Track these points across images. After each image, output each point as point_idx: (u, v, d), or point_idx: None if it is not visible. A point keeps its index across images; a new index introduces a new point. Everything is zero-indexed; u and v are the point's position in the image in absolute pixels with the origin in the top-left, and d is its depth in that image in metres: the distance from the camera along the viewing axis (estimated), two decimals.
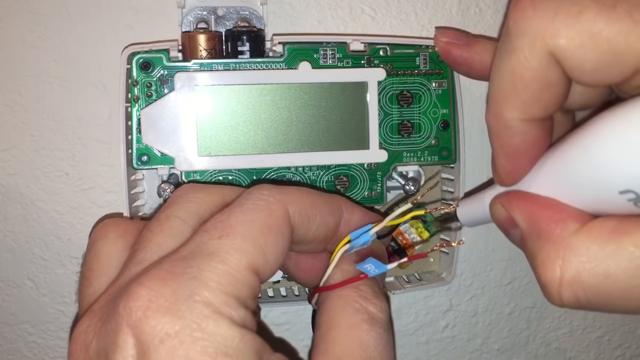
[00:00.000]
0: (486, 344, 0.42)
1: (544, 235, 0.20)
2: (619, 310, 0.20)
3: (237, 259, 0.20)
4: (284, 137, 0.32)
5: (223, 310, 0.18)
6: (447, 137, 0.34)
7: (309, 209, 0.23)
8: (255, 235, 0.21)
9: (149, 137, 0.31)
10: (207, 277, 0.19)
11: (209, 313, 0.18)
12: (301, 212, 0.23)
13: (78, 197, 0.35)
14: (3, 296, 0.36)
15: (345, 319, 0.21)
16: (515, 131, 0.21)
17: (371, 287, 0.23)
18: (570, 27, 0.18)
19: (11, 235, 0.35)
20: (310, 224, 0.24)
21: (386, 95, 0.33)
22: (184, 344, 0.18)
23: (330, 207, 0.25)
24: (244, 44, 0.31)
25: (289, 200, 0.23)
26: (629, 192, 0.17)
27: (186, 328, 0.18)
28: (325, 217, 0.24)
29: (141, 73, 0.31)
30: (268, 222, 0.21)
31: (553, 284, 0.20)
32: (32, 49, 0.34)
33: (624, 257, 0.18)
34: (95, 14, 0.34)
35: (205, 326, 0.18)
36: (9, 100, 0.34)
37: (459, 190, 0.34)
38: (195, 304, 0.18)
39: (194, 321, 0.18)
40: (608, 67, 0.18)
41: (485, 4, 0.38)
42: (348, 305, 0.22)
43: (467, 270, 0.41)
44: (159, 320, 0.18)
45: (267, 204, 0.22)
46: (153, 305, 0.18)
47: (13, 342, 0.37)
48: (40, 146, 0.35)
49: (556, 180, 0.21)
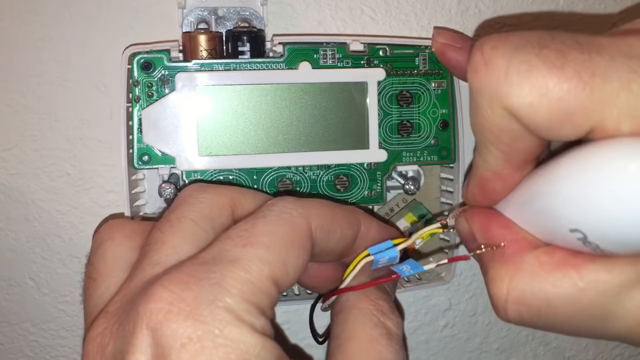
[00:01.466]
0: (485, 343, 0.42)
1: (498, 252, 0.21)
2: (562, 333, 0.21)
3: (260, 268, 0.20)
4: (284, 137, 0.32)
5: (245, 317, 0.19)
6: (446, 137, 0.34)
7: (330, 224, 0.24)
8: (278, 247, 0.21)
9: (149, 137, 0.31)
10: (230, 284, 0.19)
11: (232, 319, 0.18)
12: (323, 227, 0.23)
13: (79, 197, 0.36)
14: (4, 295, 0.36)
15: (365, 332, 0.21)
16: (495, 176, 0.22)
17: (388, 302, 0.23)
18: (520, 86, 0.18)
19: (12, 235, 0.36)
20: (331, 238, 0.24)
21: (386, 95, 0.33)
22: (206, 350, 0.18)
23: (349, 221, 0.25)
24: (244, 44, 0.31)
25: (311, 215, 0.23)
26: (578, 231, 0.18)
27: (209, 334, 0.18)
28: (344, 230, 0.25)
29: (142, 73, 0.31)
30: (291, 235, 0.22)
31: (500, 300, 0.21)
32: (34, 50, 0.34)
33: (567, 287, 0.19)
34: (97, 14, 0.34)
35: (228, 333, 0.18)
36: (10, 100, 0.34)
37: (458, 190, 0.35)
38: (218, 309, 0.18)
39: (217, 327, 0.18)
40: (561, 126, 0.18)
41: (484, 4, 0.38)
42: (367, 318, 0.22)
43: (466, 270, 0.41)
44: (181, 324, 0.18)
45: (290, 217, 0.22)
46: (175, 309, 0.18)
47: (14, 342, 0.37)
48: (41, 146, 0.35)
49: (518, 206, 0.22)
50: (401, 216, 0.35)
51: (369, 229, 0.26)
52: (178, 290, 0.19)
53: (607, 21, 0.40)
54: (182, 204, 0.24)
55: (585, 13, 0.39)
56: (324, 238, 0.23)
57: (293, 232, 0.22)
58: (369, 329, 0.22)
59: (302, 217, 0.23)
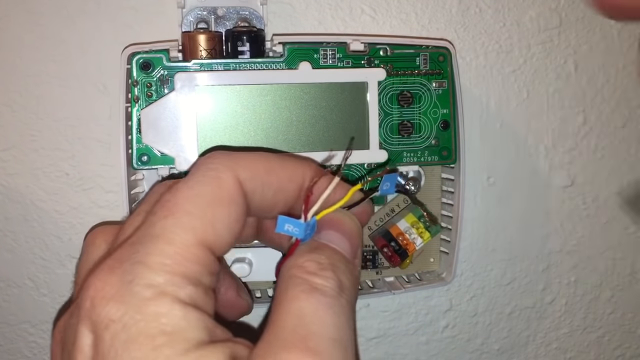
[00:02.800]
0: (486, 344, 0.42)
1: None
2: None
3: (183, 238, 0.20)
4: (284, 137, 0.32)
5: (167, 290, 0.18)
6: (447, 137, 0.34)
7: (264, 176, 0.23)
8: (202, 209, 0.20)
9: (149, 137, 0.31)
10: (151, 260, 0.19)
11: (151, 295, 0.18)
12: (254, 178, 0.22)
13: (78, 197, 0.35)
14: (3, 296, 0.36)
15: (287, 294, 0.20)
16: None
17: (317, 262, 0.21)
18: None
19: (11, 235, 0.35)
20: (266, 191, 0.23)
21: (386, 96, 0.33)
22: (126, 328, 0.18)
23: (289, 173, 0.24)
24: (244, 44, 0.31)
25: (239, 167, 0.22)
26: None
27: (127, 312, 0.18)
28: (283, 183, 0.23)
29: (141, 73, 0.31)
30: (217, 193, 0.21)
31: None
32: (32, 49, 0.34)
33: None
34: (95, 14, 0.34)
35: (146, 308, 0.18)
36: (9, 100, 0.34)
37: (458, 190, 0.34)
38: (137, 287, 0.18)
39: (136, 304, 0.18)
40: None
41: (485, 4, 0.38)
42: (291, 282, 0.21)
43: (467, 270, 0.41)
44: (104, 308, 0.18)
45: (215, 174, 0.22)
46: (100, 294, 0.19)
47: (13, 342, 0.37)
48: (40, 146, 0.35)
49: None
50: (402, 217, 0.35)
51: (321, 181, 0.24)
52: (105, 276, 0.19)
53: (608, 20, 0.39)
54: (143, 201, 0.24)
55: (585, 13, 0.39)
56: (257, 190, 0.23)
57: (219, 189, 0.21)
58: (290, 290, 0.20)
59: (228, 170, 0.22)
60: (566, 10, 0.39)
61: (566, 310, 0.43)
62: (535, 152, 0.40)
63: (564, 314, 0.43)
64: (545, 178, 0.40)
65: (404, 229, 0.35)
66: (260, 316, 0.37)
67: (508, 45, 0.38)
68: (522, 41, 0.38)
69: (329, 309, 0.20)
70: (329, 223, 0.24)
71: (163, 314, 0.18)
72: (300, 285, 0.20)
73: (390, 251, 0.35)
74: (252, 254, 0.33)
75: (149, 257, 0.19)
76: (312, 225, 0.23)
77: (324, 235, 0.23)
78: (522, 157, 0.40)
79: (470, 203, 0.39)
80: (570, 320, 0.43)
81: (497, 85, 0.39)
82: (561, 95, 0.40)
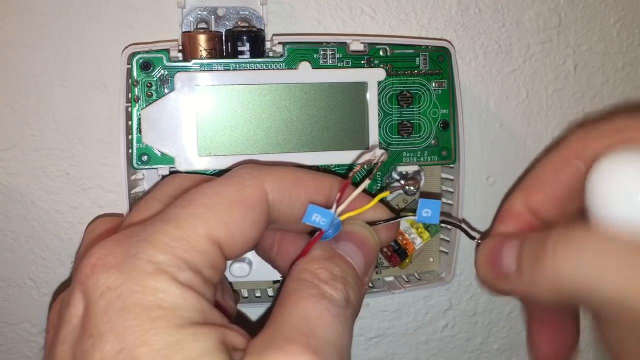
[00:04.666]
0: (486, 343, 0.42)
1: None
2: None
3: (194, 226, 0.20)
4: (284, 137, 0.32)
5: (168, 269, 0.19)
6: (447, 137, 0.34)
7: (291, 187, 0.23)
8: (219, 207, 0.21)
9: (149, 137, 0.31)
10: (158, 239, 0.19)
11: (152, 270, 0.19)
12: (281, 189, 0.23)
13: (78, 197, 0.35)
14: (4, 296, 0.36)
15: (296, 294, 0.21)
16: None
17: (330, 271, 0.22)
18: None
19: (12, 235, 0.35)
20: (294, 202, 0.23)
21: (386, 96, 0.33)
22: (122, 297, 0.18)
23: (317, 185, 0.24)
24: (244, 44, 0.31)
25: (267, 178, 0.23)
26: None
27: (127, 283, 0.18)
28: (311, 195, 0.24)
29: (142, 73, 0.31)
30: (237, 196, 0.21)
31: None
32: (33, 49, 0.34)
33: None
34: (96, 14, 0.34)
35: (145, 282, 0.18)
36: (9, 101, 0.34)
37: (458, 190, 0.34)
38: (139, 261, 0.19)
39: (136, 276, 0.18)
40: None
41: (484, 4, 0.38)
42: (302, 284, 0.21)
43: (467, 270, 0.41)
44: (103, 276, 0.19)
45: (240, 180, 0.22)
46: (101, 262, 0.19)
47: (14, 342, 0.37)
48: (40, 146, 0.35)
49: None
50: None
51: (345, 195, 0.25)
52: (111, 247, 0.20)
53: (607, 20, 0.40)
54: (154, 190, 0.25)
55: (584, 13, 0.39)
56: (284, 201, 0.23)
57: (240, 193, 0.22)
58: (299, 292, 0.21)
59: (255, 179, 0.22)
60: (566, 11, 0.39)
61: None
62: (535, 152, 0.40)
63: None
64: None
65: (404, 229, 0.35)
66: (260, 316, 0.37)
67: (507, 46, 0.38)
68: (522, 41, 0.39)
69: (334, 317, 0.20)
70: (351, 235, 0.24)
71: (161, 290, 0.18)
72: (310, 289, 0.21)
73: (390, 251, 0.35)
74: (252, 254, 0.33)
75: (155, 236, 0.19)
76: (336, 224, 0.23)
77: (343, 246, 0.23)
78: (522, 157, 0.40)
79: (470, 203, 0.39)
80: None
81: (497, 86, 0.39)
82: (561, 96, 0.40)
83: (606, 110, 0.41)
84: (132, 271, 0.19)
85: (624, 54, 0.40)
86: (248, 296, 0.35)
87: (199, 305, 0.19)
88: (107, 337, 0.18)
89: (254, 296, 0.35)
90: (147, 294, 0.18)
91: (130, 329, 0.18)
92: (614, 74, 0.40)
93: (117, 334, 0.18)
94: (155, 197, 0.24)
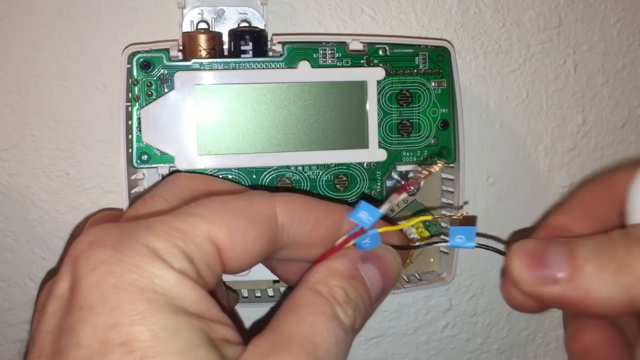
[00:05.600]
0: (486, 343, 0.42)
1: None
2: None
3: (195, 221, 0.20)
4: (284, 136, 0.32)
5: (164, 255, 0.19)
6: (446, 136, 0.34)
7: (301, 210, 0.23)
8: (225, 212, 0.21)
9: (149, 136, 0.31)
10: (157, 227, 0.19)
11: (148, 253, 0.18)
12: (291, 211, 0.23)
13: (78, 197, 0.35)
14: (4, 296, 0.36)
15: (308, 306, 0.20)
16: None
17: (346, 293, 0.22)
18: None
19: (12, 235, 0.35)
20: (303, 224, 0.23)
21: (385, 95, 0.33)
22: (116, 274, 0.18)
23: (327, 210, 0.24)
24: (247, 44, 0.31)
25: (277, 201, 0.23)
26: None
27: (121, 261, 0.18)
28: (321, 219, 0.24)
29: (141, 72, 0.31)
30: (245, 208, 0.22)
31: None
32: (33, 49, 0.34)
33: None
34: (96, 14, 0.34)
35: (141, 264, 0.18)
36: (9, 100, 0.34)
37: (458, 189, 0.34)
38: (137, 244, 0.19)
39: (131, 256, 0.18)
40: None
41: (484, 4, 0.38)
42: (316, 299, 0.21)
43: (467, 270, 0.41)
44: (96, 251, 0.18)
45: (251, 197, 0.22)
46: (98, 241, 0.19)
47: (13, 342, 0.37)
48: (40, 146, 0.35)
49: None
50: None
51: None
52: (110, 229, 0.20)
53: (607, 20, 0.40)
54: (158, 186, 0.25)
55: (584, 13, 0.39)
56: (294, 223, 0.23)
57: (248, 207, 0.22)
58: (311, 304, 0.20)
59: (265, 199, 0.22)
60: (565, 11, 0.39)
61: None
62: (535, 152, 0.40)
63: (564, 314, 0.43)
64: (544, 178, 0.40)
65: (404, 228, 0.35)
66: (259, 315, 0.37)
67: (507, 46, 0.38)
68: (522, 41, 0.39)
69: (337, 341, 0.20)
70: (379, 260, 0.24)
71: (157, 274, 0.18)
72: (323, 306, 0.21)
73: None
74: None
75: (155, 225, 0.20)
76: (374, 237, 0.23)
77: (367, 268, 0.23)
78: (521, 157, 0.40)
79: (470, 203, 0.39)
80: None
81: (497, 85, 0.39)
82: (560, 95, 0.40)
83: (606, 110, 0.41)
84: (128, 251, 0.18)
85: (624, 54, 0.40)
86: (248, 296, 0.35)
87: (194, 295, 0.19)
88: (100, 311, 0.17)
89: (254, 296, 0.35)
90: (143, 276, 0.18)
91: (125, 306, 0.17)
92: (614, 74, 0.40)
93: (110, 309, 0.17)
94: (160, 195, 0.25)
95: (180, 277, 0.19)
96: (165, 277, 0.18)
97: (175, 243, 0.19)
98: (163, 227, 0.19)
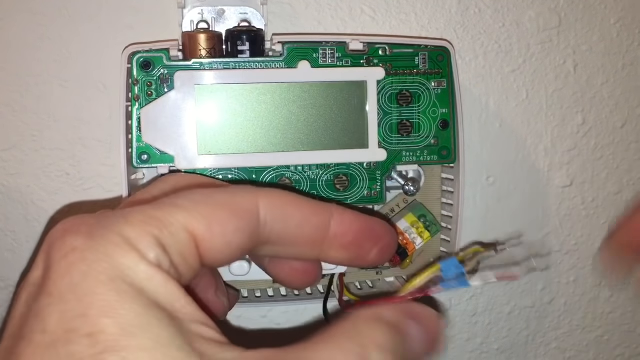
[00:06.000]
0: (486, 343, 0.42)
1: None
2: None
3: (172, 211, 0.20)
4: (284, 136, 0.32)
5: (138, 245, 0.18)
6: (446, 136, 0.34)
7: (286, 206, 0.23)
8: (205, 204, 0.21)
9: (149, 135, 0.31)
10: (133, 217, 0.19)
11: (120, 242, 0.18)
12: (275, 206, 0.22)
13: (79, 197, 0.35)
14: (3, 296, 0.36)
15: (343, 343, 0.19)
16: None
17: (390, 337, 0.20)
18: None
19: (12, 235, 0.35)
20: (288, 220, 0.23)
21: (385, 95, 0.33)
22: (87, 262, 0.18)
23: (313, 207, 0.24)
24: (244, 44, 0.31)
25: (261, 195, 0.22)
26: None
27: (92, 249, 0.18)
28: (308, 216, 0.23)
29: (142, 72, 0.31)
30: (227, 201, 0.21)
31: None
32: (33, 50, 0.34)
33: None
34: (96, 14, 0.34)
35: (113, 253, 0.18)
36: (9, 101, 0.34)
37: (458, 190, 0.34)
38: (111, 233, 0.18)
39: (103, 245, 0.18)
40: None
41: (484, 4, 0.38)
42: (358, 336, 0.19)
43: None
44: (70, 238, 0.18)
45: (233, 190, 0.22)
46: (73, 228, 0.19)
47: None
48: (40, 146, 0.35)
49: None
50: (401, 216, 0.35)
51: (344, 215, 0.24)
52: (87, 217, 0.19)
53: (607, 20, 0.40)
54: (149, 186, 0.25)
55: (584, 13, 0.39)
56: (277, 218, 0.22)
57: (230, 199, 0.21)
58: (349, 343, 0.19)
59: (248, 192, 0.22)
60: (565, 11, 0.39)
61: (565, 310, 0.43)
62: (535, 152, 0.40)
63: (564, 314, 0.43)
64: (544, 178, 0.40)
65: (404, 228, 0.35)
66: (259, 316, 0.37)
67: (507, 46, 0.38)
68: (522, 41, 0.39)
69: None
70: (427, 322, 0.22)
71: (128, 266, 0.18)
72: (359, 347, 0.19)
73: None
74: None
75: (132, 214, 0.19)
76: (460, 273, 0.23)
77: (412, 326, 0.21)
78: (521, 157, 0.40)
79: (470, 203, 0.39)
80: (569, 319, 0.43)
81: (497, 85, 0.39)
82: (560, 96, 0.40)
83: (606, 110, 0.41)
84: (101, 240, 0.18)
85: (624, 54, 0.40)
86: (248, 296, 0.35)
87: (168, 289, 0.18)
88: (68, 298, 0.17)
89: (254, 296, 0.35)
90: (114, 265, 0.18)
91: (95, 295, 0.17)
92: (614, 74, 0.40)
93: (80, 297, 0.17)
94: (149, 191, 0.24)
95: (153, 269, 0.18)
96: (136, 269, 0.18)
97: (149, 231, 0.19)
98: (138, 216, 0.19)
